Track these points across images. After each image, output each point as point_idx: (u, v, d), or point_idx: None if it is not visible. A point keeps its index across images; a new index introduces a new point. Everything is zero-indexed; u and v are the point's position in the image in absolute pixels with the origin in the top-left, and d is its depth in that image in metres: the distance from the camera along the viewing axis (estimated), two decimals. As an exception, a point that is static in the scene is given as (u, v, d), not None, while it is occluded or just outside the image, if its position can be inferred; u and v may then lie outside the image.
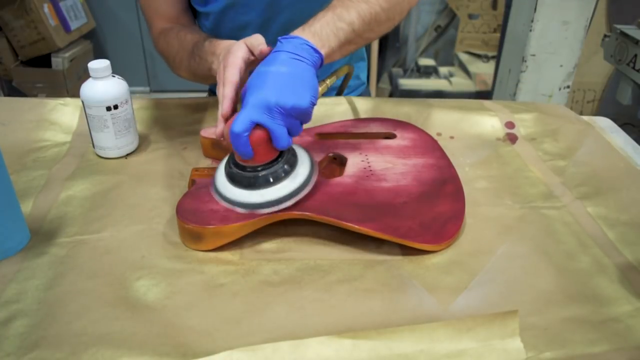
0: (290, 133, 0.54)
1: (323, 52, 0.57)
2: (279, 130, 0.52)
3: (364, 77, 0.99)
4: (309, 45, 0.56)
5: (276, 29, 0.82)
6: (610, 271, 0.53)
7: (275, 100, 0.51)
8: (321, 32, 0.58)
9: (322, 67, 0.59)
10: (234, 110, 0.57)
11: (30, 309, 0.47)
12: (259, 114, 0.51)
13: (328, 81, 0.66)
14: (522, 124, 0.81)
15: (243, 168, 0.55)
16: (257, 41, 0.59)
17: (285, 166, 0.55)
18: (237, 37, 0.64)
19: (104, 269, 0.52)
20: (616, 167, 0.70)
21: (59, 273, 0.51)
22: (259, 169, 0.54)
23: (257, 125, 0.52)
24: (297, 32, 0.58)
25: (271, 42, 0.61)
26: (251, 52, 0.60)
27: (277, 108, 0.51)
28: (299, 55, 0.55)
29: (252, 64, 0.60)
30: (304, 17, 0.70)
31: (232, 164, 0.56)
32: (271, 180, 0.54)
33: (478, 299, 0.49)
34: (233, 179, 0.55)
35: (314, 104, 0.54)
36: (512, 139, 0.78)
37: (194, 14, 0.85)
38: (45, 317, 0.46)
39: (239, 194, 0.55)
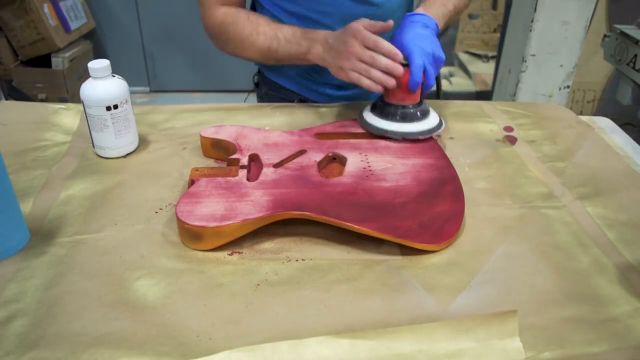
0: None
1: (440, 27, 0.78)
2: (432, 71, 0.71)
3: None
4: (433, 21, 0.76)
5: None
6: (609, 271, 0.53)
7: (431, 49, 0.72)
8: (437, 14, 0.78)
9: None
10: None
11: (29, 309, 0.47)
12: (426, 57, 0.71)
13: None
14: (520, 127, 0.81)
15: (397, 105, 0.73)
16: (370, 22, 0.73)
17: (425, 108, 0.75)
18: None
19: (103, 269, 0.52)
20: (615, 169, 0.70)
21: (58, 273, 0.51)
22: (412, 105, 0.73)
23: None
24: (419, 10, 0.78)
25: None
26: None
27: (432, 55, 0.72)
28: (428, 26, 0.75)
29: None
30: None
31: (385, 103, 0.74)
32: (419, 114, 0.73)
33: (477, 298, 0.49)
34: (387, 114, 0.73)
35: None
36: (511, 140, 0.78)
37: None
38: (45, 316, 0.46)
39: (392, 126, 0.72)
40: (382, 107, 0.74)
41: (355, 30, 0.71)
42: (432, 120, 0.74)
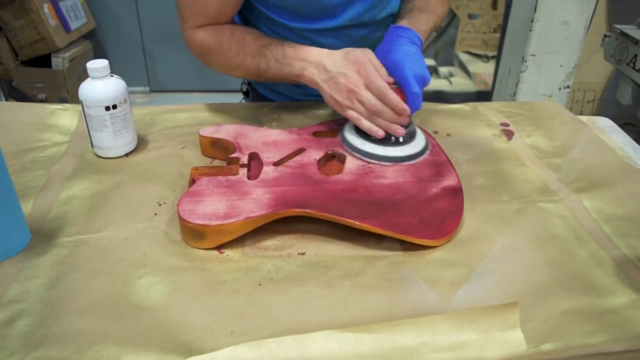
0: None
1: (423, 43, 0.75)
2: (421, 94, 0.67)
3: None
4: (418, 37, 0.73)
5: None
6: (606, 264, 0.53)
7: (421, 71, 0.67)
8: (420, 29, 0.75)
9: None
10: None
11: (33, 308, 0.47)
12: (420, 82, 0.66)
13: None
14: (516, 124, 0.82)
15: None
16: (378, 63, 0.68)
17: (413, 128, 0.69)
18: (324, 15, 0.76)
19: (106, 268, 0.52)
20: (610, 163, 0.71)
21: (61, 272, 0.51)
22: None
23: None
24: (404, 24, 0.74)
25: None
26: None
27: (423, 78, 0.67)
28: (415, 43, 0.71)
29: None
30: None
31: None
32: (402, 140, 0.67)
33: (478, 292, 0.50)
34: (368, 136, 0.67)
35: None
36: (508, 134, 0.78)
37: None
38: (49, 315, 0.46)
39: (373, 148, 0.66)
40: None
41: (360, 64, 0.66)
42: (419, 141, 0.68)
